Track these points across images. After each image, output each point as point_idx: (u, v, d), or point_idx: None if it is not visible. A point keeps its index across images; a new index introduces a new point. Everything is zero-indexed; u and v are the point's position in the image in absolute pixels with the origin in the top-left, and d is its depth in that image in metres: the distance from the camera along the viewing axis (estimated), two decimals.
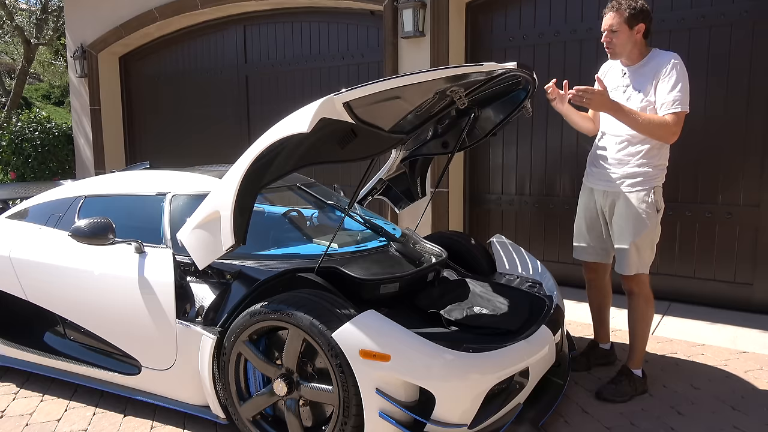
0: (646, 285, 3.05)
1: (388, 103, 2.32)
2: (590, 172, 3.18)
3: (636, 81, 2.91)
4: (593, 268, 3.30)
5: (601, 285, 3.32)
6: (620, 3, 2.85)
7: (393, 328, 2.30)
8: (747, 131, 4.15)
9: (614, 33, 2.86)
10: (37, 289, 3.18)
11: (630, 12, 2.81)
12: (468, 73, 2.38)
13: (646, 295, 3.04)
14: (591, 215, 3.19)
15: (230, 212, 2.39)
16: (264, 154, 2.35)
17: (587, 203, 3.21)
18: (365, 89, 2.16)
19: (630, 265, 2.99)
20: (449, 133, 3.53)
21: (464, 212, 5.50)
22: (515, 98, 3.16)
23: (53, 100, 20.69)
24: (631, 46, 2.89)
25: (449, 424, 2.27)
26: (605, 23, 2.89)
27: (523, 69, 2.62)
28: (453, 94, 2.44)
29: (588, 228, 3.22)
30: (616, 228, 3.04)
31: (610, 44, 2.90)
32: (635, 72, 2.93)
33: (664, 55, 2.88)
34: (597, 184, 3.12)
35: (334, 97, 2.16)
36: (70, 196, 3.44)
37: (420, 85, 2.27)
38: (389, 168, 3.82)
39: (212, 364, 2.58)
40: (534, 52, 4.92)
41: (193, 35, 7.17)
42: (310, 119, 2.14)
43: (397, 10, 5.26)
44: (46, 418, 2.95)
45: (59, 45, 15.38)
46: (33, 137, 8.13)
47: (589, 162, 3.21)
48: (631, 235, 2.96)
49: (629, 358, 3.10)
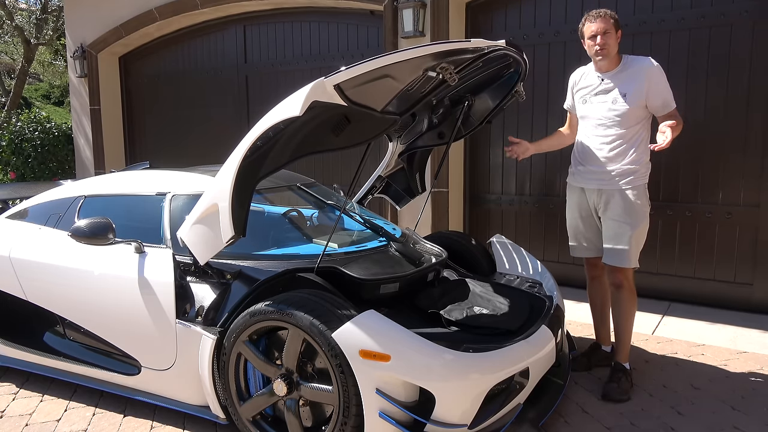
0: (632, 278, 3.18)
1: (379, 82, 2.33)
2: (577, 172, 3.28)
3: (620, 85, 3.06)
4: (595, 264, 3.35)
5: (603, 280, 3.37)
6: (605, 12, 3.04)
7: (393, 328, 2.29)
8: (747, 131, 4.15)
9: (607, 35, 3.00)
10: (37, 289, 3.18)
11: (614, 18, 3.03)
12: (456, 49, 2.39)
13: (631, 287, 3.17)
14: (585, 213, 3.28)
15: (228, 203, 2.39)
16: (259, 144, 2.35)
17: (579, 202, 3.30)
18: (354, 70, 2.17)
19: (630, 258, 3.09)
20: (444, 123, 3.54)
21: (464, 212, 5.50)
22: (507, 82, 3.20)
23: (53, 100, 20.68)
24: (616, 50, 3.06)
25: (449, 424, 2.27)
26: (597, 28, 3.01)
27: (512, 47, 2.65)
28: (443, 71, 2.44)
29: (585, 225, 3.29)
30: (612, 224, 3.12)
31: (604, 46, 3.01)
32: (615, 77, 3.08)
33: (643, 59, 3.06)
34: (589, 184, 3.21)
35: (325, 80, 2.17)
36: (70, 196, 3.44)
37: (409, 62, 2.28)
38: (387, 164, 3.82)
39: (212, 364, 2.58)
40: (534, 51, 4.92)
41: (193, 35, 7.17)
42: (302, 103, 2.14)
43: (397, 9, 5.26)
44: (45, 418, 2.95)
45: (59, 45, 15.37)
46: (33, 137, 8.13)
47: (576, 162, 3.30)
48: (631, 229, 3.07)
49: (618, 352, 3.18)
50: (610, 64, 3.09)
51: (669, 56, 4.34)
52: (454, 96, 3.31)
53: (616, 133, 3.08)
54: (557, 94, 4.87)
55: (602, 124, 3.12)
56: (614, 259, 3.12)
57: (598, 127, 3.14)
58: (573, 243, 3.37)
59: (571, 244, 3.38)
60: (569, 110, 3.43)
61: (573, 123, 3.42)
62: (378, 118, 2.63)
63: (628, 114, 3.04)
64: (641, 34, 4.46)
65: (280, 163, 2.49)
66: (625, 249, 3.08)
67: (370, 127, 2.72)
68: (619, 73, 3.08)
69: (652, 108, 3.04)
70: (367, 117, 2.58)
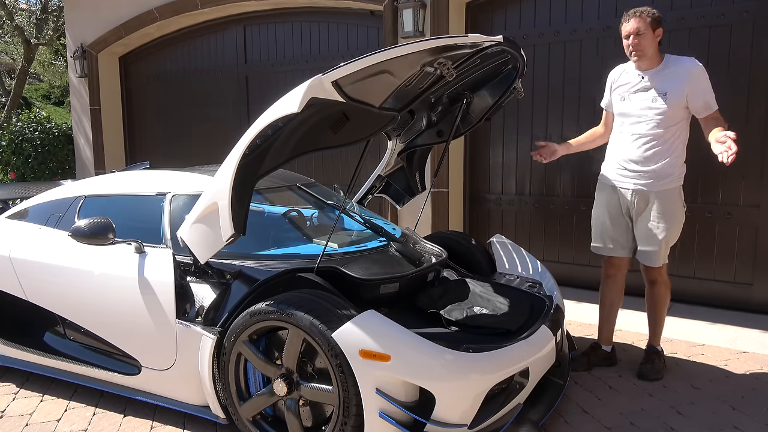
0: (665, 272, 3.27)
1: (377, 78, 2.33)
2: (611, 171, 3.25)
3: (661, 83, 3.04)
4: (616, 264, 3.34)
5: (621, 280, 3.38)
6: (641, 10, 3.01)
7: (393, 328, 2.29)
8: (747, 131, 4.15)
9: (640, 36, 2.99)
10: (37, 289, 3.18)
11: (652, 17, 3.00)
12: (453, 44, 2.39)
13: (665, 281, 3.28)
14: (615, 212, 3.26)
15: (228, 201, 2.39)
16: (258, 143, 2.35)
17: (609, 200, 3.27)
18: (352, 66, 2.17)
19: (660, 258, 3.17)
20: (443, 121, 3.54)
21: (464, 212, 5.50)
22: (506, 79, 3.20)
23: (53, 100, 20.68)
24: (653, 50, 3.03)
25: (449, 424, 2.27)
26: (630, 28, 3.01)
27: (509, 43, 2.65)
28: (441, 67, 2.44)
29: (613, 224, 3.27)
30: (648, 224, 3.14)
31: (638, 46, 3.01)
32: (656, 75, 3.06)
33: (686, 59, 3.05)
34: (625, 183, 3.19)
35: (322, 77, 2.17)
36: (70, 196, 3.44)
37: (406, 58, 2.28)
38: (387, 163, 3.82)
39: (212, 364, 2.58)
40: (534, 51, 4.92)
41: (193, 35, 7.17)
42: (300, 100, 2.15)
43: (397, 10, 5.26)
44: (46, 418, 2.95)
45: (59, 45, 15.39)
46: (33, 137, 8.13)
47: (611, 160, 3.27)
48: (665, 231, 3.12)
49: (653, 336, 3.35)
50: (651, 63, 3.06)
51: None
52: (453, 93, 3.31)
53: (654, 132, 3.05)
54: (557, 94, 4.87)
55: (641, 123, 3.09)
56: (648, 259, 3.18)
57: (637, 125, 3.11)
58: (597, 243, 3.34)
59: (595, 244, 3.36)
60: (606, 108, 3.38)
61: (608, 121, 3.38)
62: (376, 114, 2.63)
63: (668, 113, 3.01)
64: None
65: (279, 161, 2.49)
66: (659, 249, 3.14)
67: (369, 124, 2.72)
68: (661, 71, 3.05)
69: (694, 109, 3.01)
70: (365, 113, 2.58)
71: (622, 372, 3.35)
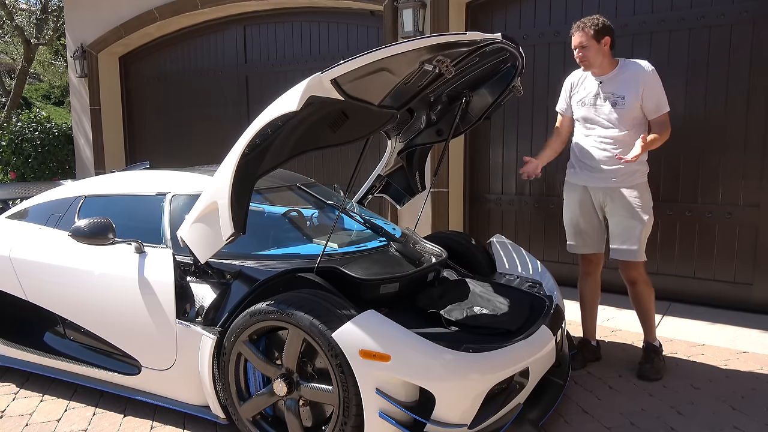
0: (644, 270, 3.30)
1: (375, 76, 2.33)
2: (579, 171, 3.34)
3: (618, 88, 3.15)
4: (592, 260, 3.43)
5: (597, 276, 3.48)
6: (584, 23, 3.13)
7: (393, 328, 2.29)
8: (747, 131, 4.15)
9: (585, 48, 3.13)
10: (37, 289, 3.18)
11: (594, 29, 3.10)
12: (452, 42, 2.39)
13: (646, 280, 3.30)
14: (587, 210, 3.34)
15: (227, 200, 2.39)
16: (258, 142, 2.35)
17: (581, 199, 3.35)
18: (351, 64, 2.18)
19: (639, 252, 3.20)
20: (443, 120, 3.55)
21: (464, 212, 5.49)
22: (505, 78, 3.23)
23: (53, 100, 20.68)
24: (601, 58, 3.15)
25: (449, 424, 2.27)
26: (575, 42, 3.15)
27: (508, 41, 2.66)
28: (439, 64, 2.44)
29: (585, 222, 3.36)
30: (620, 220, 3.21)
31: (584, 58, 3.15)
32: (612, 80, 3.17)
33: (639, 63, 3.15)
34: (593, 182, 3.27)
35: (321, 75, 2.18)
36: (70, 196, 3.44)
37: (405, 55, 2.28)
38: (386, 162, 3.82)
39: (212, 364, 2.58)
40: (534, 51, 4.92)
41: (193, 35, 7.17)
42: (299, 98, 2.15)
43: (397, 10, 5.26)
44: (46, 418, 2.95)
45: (59, 45, 15.38)
46: (33, 137, 8.13)
47: (576, 162, 3.36)
48: (639, 224, 3.18)
49: (647, 334, 3.35)
50: (605, 69, 3.18)
51: (669, 56, 4.34)
52: (452, 92, 3.32)
53: (617, 135, 3.16)
54: (557, 94, 4.86)
55: (601, 126, 3.20)
56: (625, 254, 3.22)
57: (597, 129, 3.22)
58: (571, 242, 3.44)
59: (569, 242, 3.45)
60: (562, 113, 3.47)
61: (564, 125, 3.48)
62: (375, 112, 2.63)
63: (626, 116, 3.13)
64: (641, 34, 4.45)
65: (278, 160, 2.49)
66: (634, 244, 3.19)
67: (368, 122, 2.72)
68: (616, 76, 3.17)
69: (645, 110, 3.13)
70: (364, 112, 2.58)
71: (622, 372, 3.35)
